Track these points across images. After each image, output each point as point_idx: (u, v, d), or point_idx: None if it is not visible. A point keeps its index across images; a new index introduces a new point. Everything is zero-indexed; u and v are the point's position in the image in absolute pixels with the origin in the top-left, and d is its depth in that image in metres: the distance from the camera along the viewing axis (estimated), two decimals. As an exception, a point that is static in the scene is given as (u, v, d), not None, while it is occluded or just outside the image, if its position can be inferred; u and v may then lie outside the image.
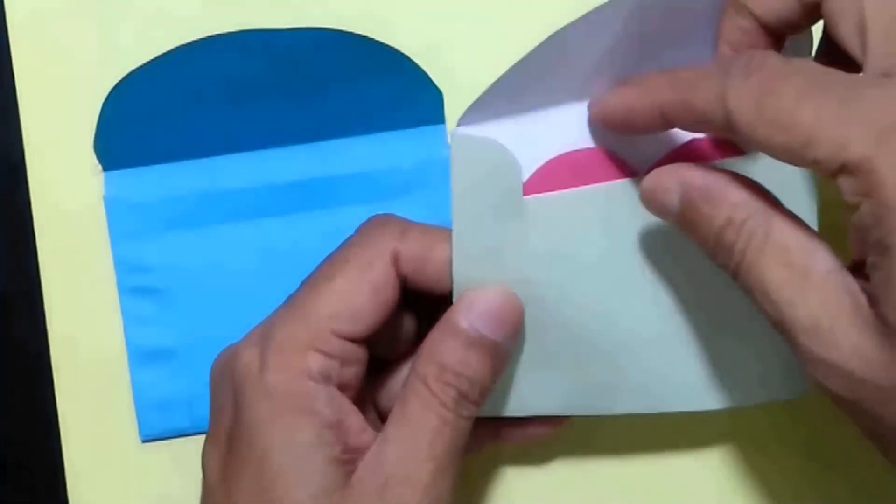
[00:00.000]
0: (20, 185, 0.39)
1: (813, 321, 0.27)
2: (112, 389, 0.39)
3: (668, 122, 0.30)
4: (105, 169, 0.39)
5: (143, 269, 0.39)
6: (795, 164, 0.27)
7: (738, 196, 0.29)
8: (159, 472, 0.39)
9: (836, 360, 0.27)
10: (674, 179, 0.30)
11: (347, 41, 0.38)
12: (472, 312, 0.32)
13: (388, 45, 0.38)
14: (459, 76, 0.39)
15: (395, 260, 0.33)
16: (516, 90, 0.32)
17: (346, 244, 0.34)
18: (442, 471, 0.31)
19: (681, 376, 0.35)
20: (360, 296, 0.32)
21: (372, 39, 0.38)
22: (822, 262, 0.27)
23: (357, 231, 0.34)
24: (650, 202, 0.31)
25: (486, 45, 0.39)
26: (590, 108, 0.33)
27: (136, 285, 0.39)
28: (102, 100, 0.38)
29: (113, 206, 0.38)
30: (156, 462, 0.39)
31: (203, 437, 0.33)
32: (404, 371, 0.35)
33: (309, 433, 0.31)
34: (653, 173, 0.31)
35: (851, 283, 0.27)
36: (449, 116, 0.39)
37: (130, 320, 0.39)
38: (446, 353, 0.32)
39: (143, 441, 0.39)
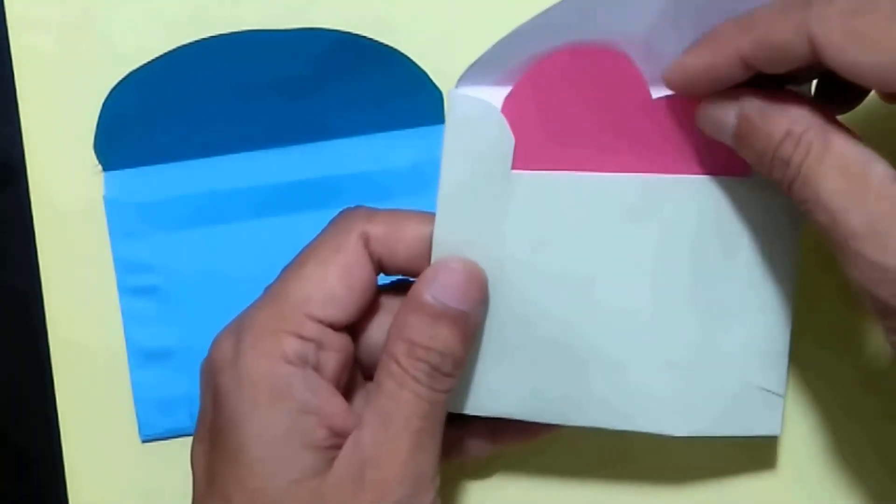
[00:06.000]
0: (20, 185, 0.39)
1: (868, 226, 0.28)
2: (112, 389, 0.39)
3: (750, 68, 0.30)
4: (105, 169, 0.39)
5: (143, 269, 0.39)
6: (885, 89, 0.27)
7: (796, 110, 0.29)
8: (159, 472, 0.39)
9: (890, 263, 0.27)
10: (731, 98, 0.30)
11: (347, 41, 0.38)
12: (434, 284, 0.32)
13: (387, 45, 0.38)
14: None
15: (366, 242, 0.33)
16: (521, 53, 0.31)
17: (318, 234, 0.33)
18: (419, 447, 0.31)
19: (649, 396, 0.33)
20: (330, 278, 0.32)
21: (371, 39, 0.38)
22: (879, 169, 0.28)
23: (328, 223, 0.34)
24: (705, 119, 0.31)
25: (486, 45, 0.39)
26: (665, 76, 0.31)
27: (136, 285, 0.39)
28: (102, 100, 0.38)
29: (113, 206, 0.38)
30: (156, 462, 0.39)
31: (202, 437, 0.33)
32: None
33: (285, 420, 0.31)
34: (711, 96, 0.31)
35: None
36: (449, 116, 0.38)
37: (130, 320, 0.39)
38: (413, 328, 0.31)
39: (143, 441, 0.39)
